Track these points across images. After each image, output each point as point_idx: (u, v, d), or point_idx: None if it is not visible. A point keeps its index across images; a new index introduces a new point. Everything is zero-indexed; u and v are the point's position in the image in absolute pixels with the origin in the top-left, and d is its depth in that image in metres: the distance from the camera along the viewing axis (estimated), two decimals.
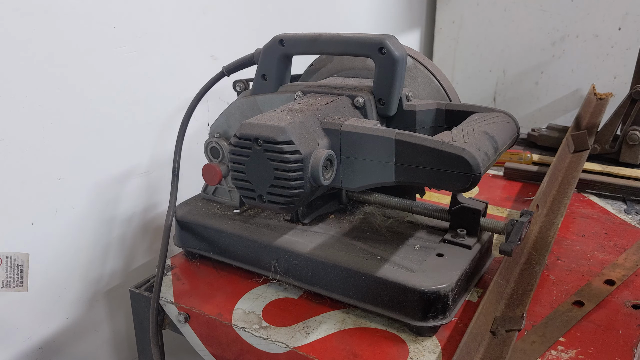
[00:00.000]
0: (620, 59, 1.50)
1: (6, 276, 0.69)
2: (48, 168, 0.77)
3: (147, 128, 0.91)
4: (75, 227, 0.83)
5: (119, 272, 0.92)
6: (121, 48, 0.83)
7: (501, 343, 0.60)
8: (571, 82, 1.60)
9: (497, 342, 0.60)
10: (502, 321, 0.62)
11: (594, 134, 1.15)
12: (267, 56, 0.73)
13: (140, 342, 0.80)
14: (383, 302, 0.64)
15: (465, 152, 0.54)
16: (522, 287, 0.69)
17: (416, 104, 0.69)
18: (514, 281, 0.70)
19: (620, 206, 0.97)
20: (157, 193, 0.96)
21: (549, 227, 0.82)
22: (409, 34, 1.76)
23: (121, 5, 0.82)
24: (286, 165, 0.57)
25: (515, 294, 0.68)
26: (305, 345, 0.62)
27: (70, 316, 0.86)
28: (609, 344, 0.60)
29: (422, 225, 0.75)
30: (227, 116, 0.78)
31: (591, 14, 1.52)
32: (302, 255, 0.69)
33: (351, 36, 0.67)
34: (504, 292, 0.68)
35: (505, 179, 1.11)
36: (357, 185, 0.62)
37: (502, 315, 0.64)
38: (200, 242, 0.78)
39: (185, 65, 0.95)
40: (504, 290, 0.68)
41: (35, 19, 0.71)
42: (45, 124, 0.75)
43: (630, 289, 0.70)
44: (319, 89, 0.71)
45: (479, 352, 0.59)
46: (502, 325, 0.62)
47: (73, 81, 0.77)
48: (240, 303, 0.70)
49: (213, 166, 0.78)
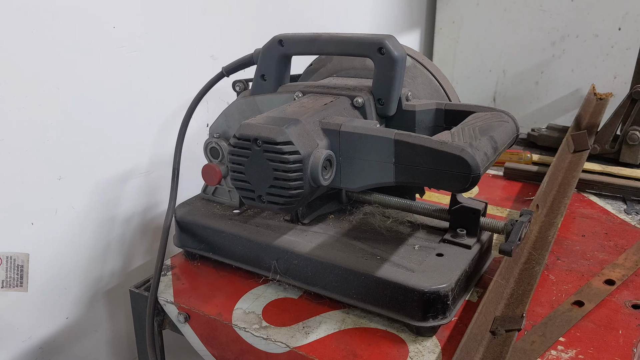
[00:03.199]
0: (620, 59, 1.50)
1: (6, 276, 0.69)
2: (48, 168, 0.77)
3: (147, 128, 0.91)
4: (75, 227, 0.83)
5: (119, 272, 0.92)
6: (121, 48, 0.83)
7: (501, 343, 0.60)
8: (571, 82, 1.60)
9: (497, 342, 0.60)
10: (502, 321, 0.62)
11: (593, 134, 1.15)
12: (266, 56, 0.73)
13: (140, 342, 0.80)
14: (383, 302, 0.64)
15: (464, 152, 0.54)
16: (522, 287, 0.69)
17: (415, 104, 0.69)
18: (514, 281, 0.70)
19: (620, 206, 0.97)
20: (157, 193, 0.96)
21: (549, 227, 0.82)
22: (409, 34, 1.76)
23: (121, 5, 0.82)
24: (285, 166, 0.57)
25: (515, 294, 0.68)
26: (305, 345, 0.62)
27: (70, 316, 0.86)
28: (609, 344, 0.60)
29: (421, 225, 0.75)
30: (226, 116, 0.78)
31: (591, 14, 1.51)
32: (302, 256, 0.69)
33: (350, 36, 0.67)
34: (504, 292, 0.68)
35: (505, 179, 1.11)
36: (356, 185, 0.62)
37: (502, 315, 0.64)
38: (200, 242, 0.78)
39: (185, 65, 0.95)
40: (504, 290, 0.68)
41: (35, 18, 0.71)
42: (45, 124, 0.75)
43: (630, 289, 0.70)
44: (318, 89, 0.71)
45: (479, 352, 0.59)
46: (502, 325, 0.62)
47: (73, 81, 0.77)
48: (240, 303, 0.71)
49: (213, 166, 0.78)
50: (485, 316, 0.63)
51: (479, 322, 0.62)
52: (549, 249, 0.76)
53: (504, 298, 0.67)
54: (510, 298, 0.67)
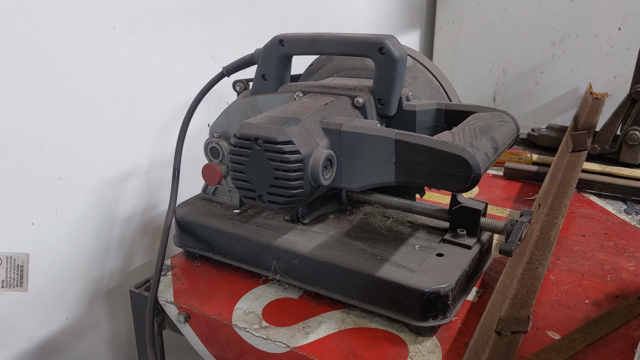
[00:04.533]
0: (620, 59, 1.50)
1: (6, 276, 0.69)
2: (48, 168, 0.77)
3: (147, 128, 0.91)
4: (75, 227, 0.83)
5: (119, 272, 0.92)
6: (121, 48, 0.83)
7: (507, 345, 0.59)
8: (571, 82, 1.60)
9: (503, 343, 0.60)
10: (507, 322, 0.62)
11: (591, 134, 1.15)
12: (267, 56, 0.73)
13: (140, 342, 0.80)
14: (383, 302, 0.64)
15: (465, 152, 0.54)
16: (525, 287, 0.69)
17: (416, 104, 0.69)
18: (517, 281, 0.70)
19: (620, 206, 0.97)
20: (157, 193, 0.96)
21: (550, 227, 0.82)
22: (409, 34, 1.76)
23: (121, 5, 0.82)
24: (286, 166, 0.57)
25: (519, 294, 0.68)
26: (305, 345, 0.62)
27: (70, 316, 0.86)
28: (608, 344, 0.60)
29: (422, 225, 0.75)
30: (227, 116, 0.78)
31: (591, 14, 1.51)
32: (302, 255, 0.69)
33: (351, 36, 0.67)
34: (508, 291, 0.68)
35: (505, 179, 1.11)
36: (357, 185, 0.62)
37: (506, 316, 0.63)
38: (200, 242, 0.78)
39: (185, 65, 0.95)
40: (508, 290, 0.68)
41: (35, 18, 0.71)
42: (45, 124, 0.75)
43: (631, 289, 0.70)
44: (319, 89, 0.71)
45: (485, 353, 0.58)
46: (507, 326, 0.61)
47: (73, 81, 0.77)
48: (240, 303, 0.70)
49: (213, 166, 0.78)
50: (492, 316, 0.63)
51: (486, 323, 0.62)
52: (552, 250, 0.76)
53: (508, 298, 0.67)
54: (514, 298, 0.67)
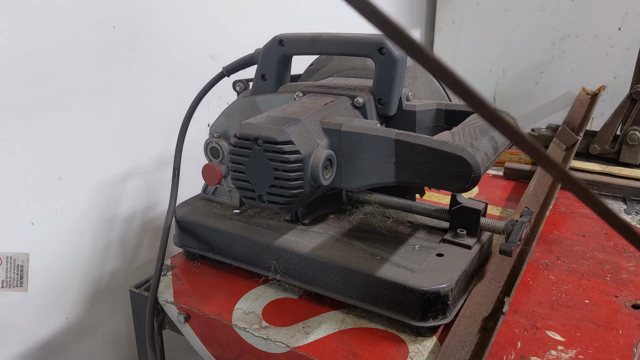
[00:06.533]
0: (620, 59, 1.50)
1: (6, 276, 0.69)
2: (48, 168, 0.77)
3: (147, 128, 0.91)
4: (75, 227, 0.83)
5: (119, 272, 0.92)
6: (121, 48, 0.83)
7: (490, 331, 0.60)
8: (571, 82, 1.60)
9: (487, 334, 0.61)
10: (490, 317, 0.63)
11: (584, 127, 1.16)
12: (266, 56, 0.73)
13: (140, 342, 0.80)
14: (383, 302, 0.64)
15: (465, 152, 0.54)
16: (511, 279, 0.70)
17: (416, 104, 0.69)
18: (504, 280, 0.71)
19: (620, 206, 0.97)
20: (157, 193, 0.96)
21: (539, 221, 0.84)
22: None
23: (121, 5, 0.82)
24: (286, 166, 0.57)
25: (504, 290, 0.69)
26: (305, 345, 0.62)
27: (70, 316, 0.86)
28: (609, 344, 0.60)
29: (422, 225, 0.75)
30: (227, 116, 0.78)
31: (591, 14, 1.51)
32: (302, 255, 0.69)
33: (351, 36, 0.67)
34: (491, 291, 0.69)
35: (505, 179, 1.11)
36: (357, 185, 0.62)
37: (490, 314, 0.64)
38: (200, 242, 0.78)
39: (185, 65, 0.95)
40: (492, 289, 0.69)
41: (35, 18, 0.71)
42: (46, 124, 0.75)
43: (630, 289, 0.70)
44: (318, 89, 0.71)
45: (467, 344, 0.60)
46: (490, 319, 0.62)
47: (73, 81, 0.77)
48: (240, 303, 0.70)
49: (213, 166, 0.78)
50: (474, 318, 0.64)
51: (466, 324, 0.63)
52: (536, 237, 0.78)
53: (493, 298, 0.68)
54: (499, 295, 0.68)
